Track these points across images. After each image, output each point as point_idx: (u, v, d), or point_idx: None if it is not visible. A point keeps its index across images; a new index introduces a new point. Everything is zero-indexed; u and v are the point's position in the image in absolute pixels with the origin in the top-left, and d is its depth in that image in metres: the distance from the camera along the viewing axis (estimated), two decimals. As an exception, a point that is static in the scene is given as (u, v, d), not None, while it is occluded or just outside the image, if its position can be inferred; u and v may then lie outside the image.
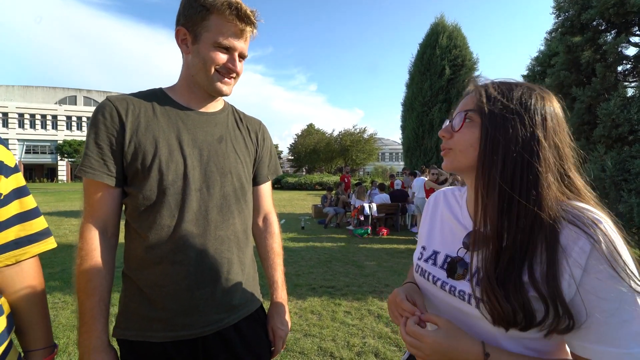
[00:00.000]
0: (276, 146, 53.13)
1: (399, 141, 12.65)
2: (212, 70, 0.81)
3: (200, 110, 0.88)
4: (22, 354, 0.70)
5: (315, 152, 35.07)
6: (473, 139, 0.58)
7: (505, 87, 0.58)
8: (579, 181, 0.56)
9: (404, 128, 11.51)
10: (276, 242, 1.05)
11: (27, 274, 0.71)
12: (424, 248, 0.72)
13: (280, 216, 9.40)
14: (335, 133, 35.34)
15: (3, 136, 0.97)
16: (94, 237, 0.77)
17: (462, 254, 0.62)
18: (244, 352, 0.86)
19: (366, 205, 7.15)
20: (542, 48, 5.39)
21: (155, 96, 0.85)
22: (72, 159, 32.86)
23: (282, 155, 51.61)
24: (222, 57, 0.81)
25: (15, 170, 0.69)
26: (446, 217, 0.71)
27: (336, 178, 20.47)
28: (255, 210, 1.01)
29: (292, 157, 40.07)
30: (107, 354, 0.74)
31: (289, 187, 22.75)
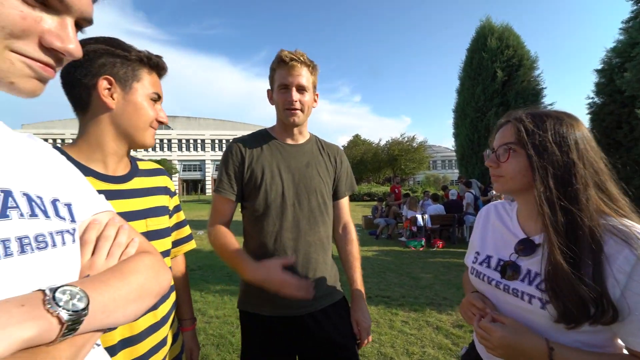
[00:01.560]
0: (323, 159, 54.08)
1: (452, 148, 12.08)
2: (282, 108, 1.11)
3: (291, 142, 1.18)
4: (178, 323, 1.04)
5: (362, 162, 34.93)
6: (520, 167, 0.71)
7: (539, 120, 0.70)
8: (614, 190, 0.68)
9: (456, 135, 11.03)
10: (354, 247, 1.25)
11: (180, 265, 1.06)
12: (477, 253, 0.87)
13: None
14: (382, 142, 34.92)
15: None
16: (222, 227, 1.10)
17: (514, 258, 0.76)
18: (333, 331, 1.11)
19: (419, 216, 7.02)
20: (621, 37, 4.85)
21: (262, 135, 1.18)
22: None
23: (329, 168, 52.10)
24: (283, 96, 1.09)
25: (175, 193, 1.03)
26: (498, 227, 0.85)
27: (385, 188, 20.17)
28: (336, 220, 1.26)
29: (340, 169, 40.22)
30: (260, 265, 0.99)
31: (337, 199, 22.98)
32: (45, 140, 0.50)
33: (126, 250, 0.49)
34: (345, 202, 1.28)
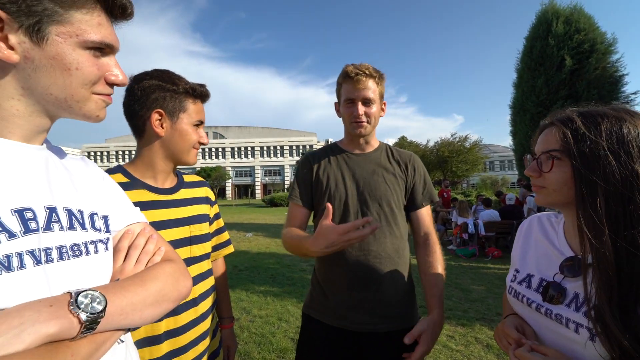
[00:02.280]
0: (368, 162, 53.17)
1: (510, 147, 10.94)
2: (349, 121, 1.14)
3: (358, 152, 1.20)
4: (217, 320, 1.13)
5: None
6: (565, 178, 0.61)
7: (591, 121, 0.59)
8: None
9: (514, 133, 9.97)
10: (437, 260, 1.10)
11: (220, 267, 1.16)
12: (517, 271, 0.77)
13: (375, 233, 9.36)
14: (431, 144, 33.18)
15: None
16: (291, 227, 1.13)
17: (559, 279, 0.66)
18: (396, 356, 1.01)
19: (470, 223, 6.51)
20: None
21: (330, 148, 1.24)
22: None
23: (374, 171, 51.15)
24: (349, 110, 1.12)
25: (215, 202, 1.14)
26: (540, 242, 0.75)
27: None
28: (416, 232, 1.19)
29: (385, 172, 39.27)
30: (317, 235, 0.89)
31: (382, 203, 22.43)
32: (123, 152, 0.61)
33: (153, 258, 0.56)
34: (424, 212, 1.19)
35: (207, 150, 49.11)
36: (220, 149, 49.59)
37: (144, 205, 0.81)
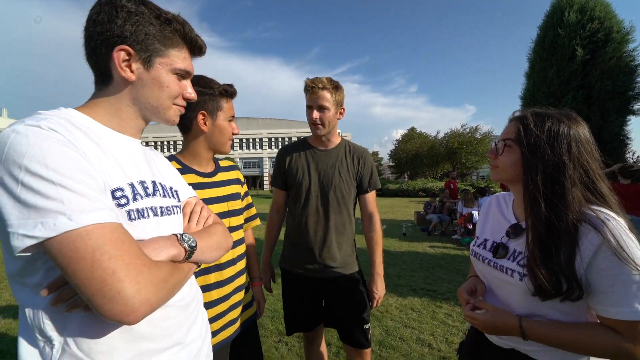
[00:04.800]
0: (376, 153, 53.03)
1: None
2: (310, 124, 1.49)
3: (322, 148, 1.55)
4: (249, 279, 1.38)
5: (418, 157, 33.34)
6: (512, 161, 0.81)
7: (539, 120, 0.78)
8: (605, 189, 0.75)
9: (524, 124, 9.87)
10: (376, 234, 1.55)
11: (250, 237, 1.41)
12: (477, 237, 1.00)
13: (382, 222, 9.55)
14: (441, 135, 32.80)
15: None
16: (273, 215, 1.66)
17: (505, 241, 0.88)
18: (345, 295, 1.51)
19: (475, 213, 6.64)
20: None
21: (301, 143, 1.60)
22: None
23: (382, 163, 50.91)
24: (309, 115, 1.46)
25: (244, 183, 1.39)
26: (495, 214, 0.97)
27: (442, 184, 19.05)
28: (363, 212, 1.58)
29: (393, 164, 39.18)
30: (269, 267, 1.63)
31: (390, 194, 22.55)
32: (162, 142, 0.83)
33: (207, 221, 0.78)
34: (369, 196, 1.57)
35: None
36: (229, 141, 50.08)
37: (192, 186, 1.03)
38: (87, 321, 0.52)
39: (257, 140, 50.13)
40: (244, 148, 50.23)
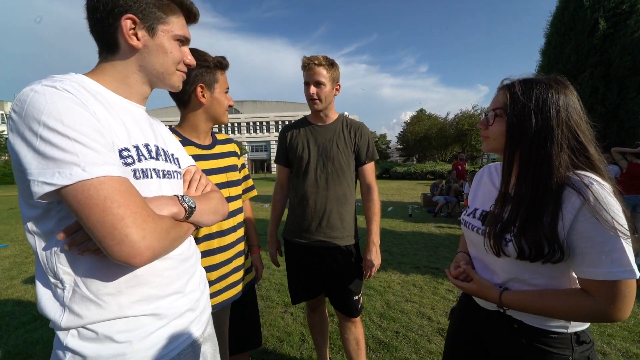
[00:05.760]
0: (384, 136, 52.27)
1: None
2: (307, 100, 1.55)
3: (320, 124, 1.61)
4: (247, 248, 1.44)
5: (427, 139, 32.79)
6: (502, 130, 0.81)
7: (527, 87, 0.76)
8: (594, 153, 0.75)
9: (537, 104, 9.51)
10: (374, 205, 1.59)
11: (247, 207, 1.46)
12: (468, 207, 1.01)
13: (388, 204, 9.68)
14: (451, 116, 32.02)
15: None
16: (277, 191, 1.75)
17: (492, 208, 0.89)
18: (339, 265, 1.57)
19: (482, 194, 6.58)
20: None
21: (301, 121, 1.66)
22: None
23: (390, 145, 50.27)
24: (307, 91, 1.51)
25: (240, 155, 1.42)
26: (486, 184, 0.98)
27: (450, 166, 18.83)
28: (362, 183, 1.64)
29: (401, 147, 38.69)
30: (276, 240, 1.75)
31: (397, 177, 22.44)
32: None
33: (205, 188, 0.82)
34: (367, 167, 1.62)
35: (222, 125, 49.78)
36: (235, 124, 50.05)
37: (193, 158, 1.07)
38: (96, 265, 0.57)
39: (265, 123, 49.96)
40: (251, 132, 50.22)
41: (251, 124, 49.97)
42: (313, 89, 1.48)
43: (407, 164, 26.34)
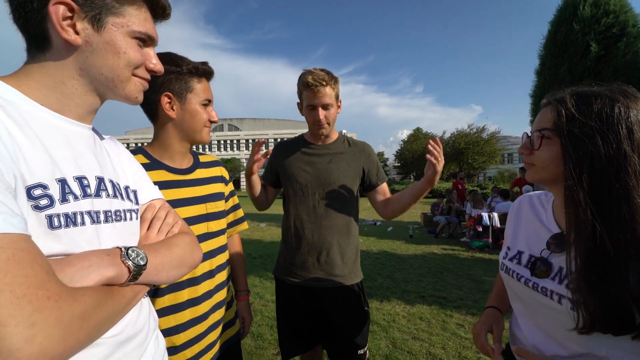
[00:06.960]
0: (381, 154, 52.62)
1: (529, 139, 10.43)
2: (312, 124, 1.34)
3: (319, 143, 1.41)
4: (234, 293, 1.21)
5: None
6: (553, 156, 0.64)
7: (584, 102, 0.61)
8: None
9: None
10: (402, 193, 1.37)
11: (236, 242, 1.24)
12: (509, 248, 0.82)
13: (387, 224, 9.44)
14: (447, 135, 32.37)
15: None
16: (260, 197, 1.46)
17: (546, 255, 0.71)
18: (341, 311, 1.32)
19: (485, 215, 6.41)
20: None
21: (297, 140, 1.46)
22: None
23: (387, 163, 50.57)
24: (312, 115, 1.31)
25: (229, 181, 1.21)
26: (530, 220, 0.79)
27: (448, 185, 18.74)
28: (378, 203, 1.42)
29: (399, 164, 38.87)
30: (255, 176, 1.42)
31: (396, 195, 22.25)
32: (142, 144, 0.69)
33: (172, 229, 0.64)
34: (382, 188, 1.43)
35: (222, 142, 49.87)
36: (235, 141, 50.20)
37: (163, 185, 0.87)
38: None
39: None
40: (251, 148, 50.17)
41: (250, 141, 50.19)
42: (322, 113, 1.28)
43: (404, 182, 26.24)
